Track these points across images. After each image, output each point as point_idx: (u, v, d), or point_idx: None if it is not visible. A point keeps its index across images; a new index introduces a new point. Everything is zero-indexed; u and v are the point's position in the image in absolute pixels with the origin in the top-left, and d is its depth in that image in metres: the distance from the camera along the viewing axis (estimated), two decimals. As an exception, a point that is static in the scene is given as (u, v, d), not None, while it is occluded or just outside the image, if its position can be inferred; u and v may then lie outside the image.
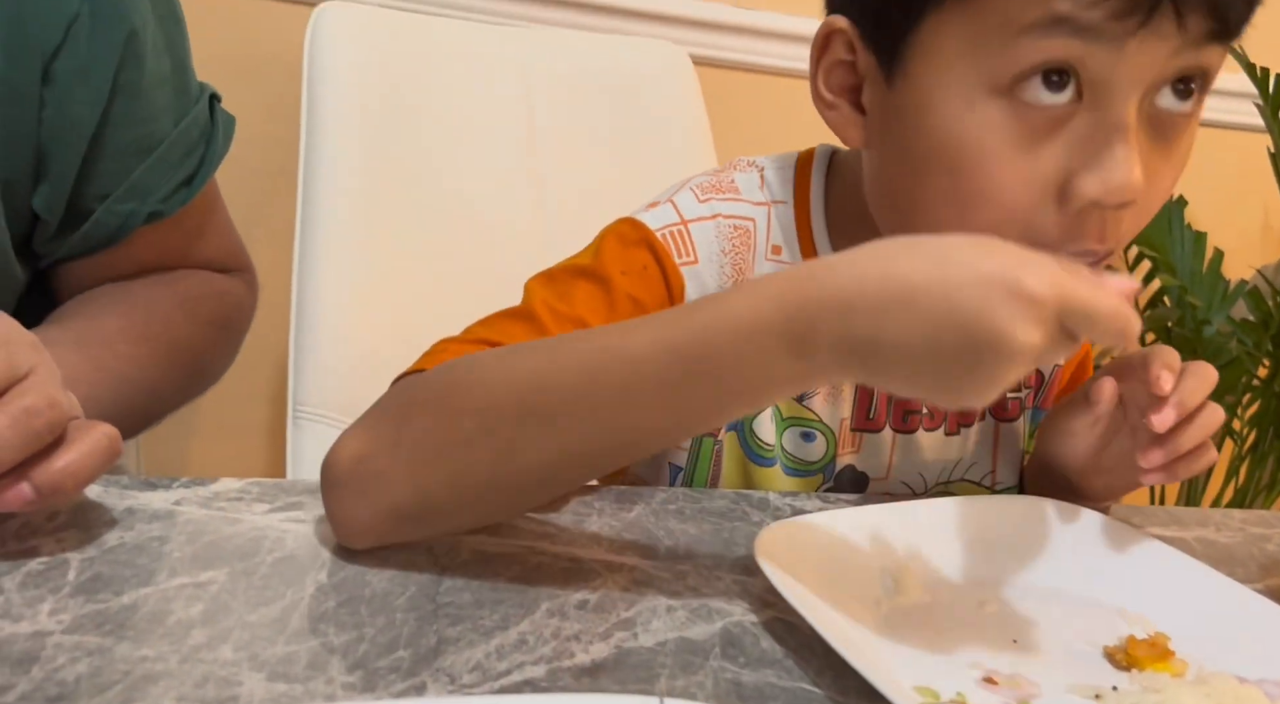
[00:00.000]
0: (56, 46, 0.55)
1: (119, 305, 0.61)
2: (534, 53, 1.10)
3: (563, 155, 1.09)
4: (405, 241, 0.99)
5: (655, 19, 1.28)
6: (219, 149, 0.65)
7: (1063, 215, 0.48)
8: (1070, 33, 0.45)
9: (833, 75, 0.54)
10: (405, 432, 0.45)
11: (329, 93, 0.98)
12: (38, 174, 0.58)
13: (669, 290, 0.56)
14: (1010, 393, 0.66)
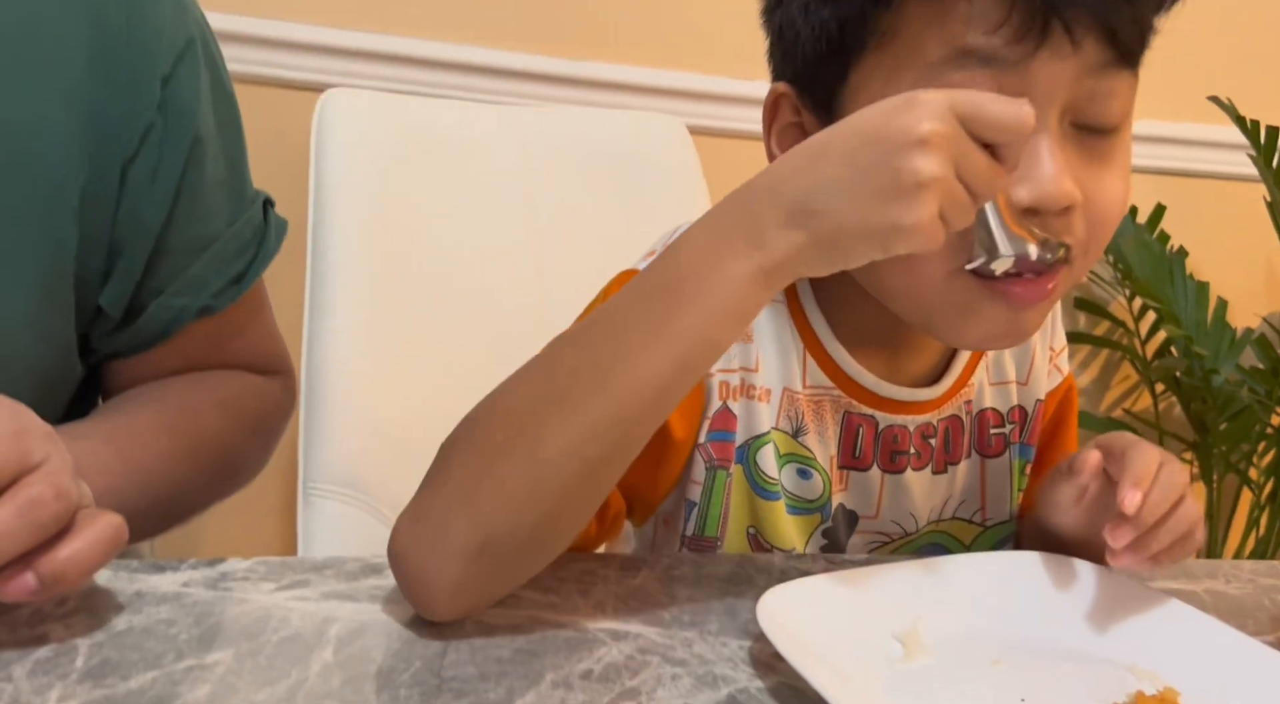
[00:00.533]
0: (133, 153, 0.58)
1: (153, 402, 0.62)
2: (533, 129, 1.13)
3: (565, 228, 1.11)
4: (413, 317, 1.00)
5: (652, 92, 1.31)
6: (270, 250, 0.67)
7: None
8: (978, 63, 0.50)
9: (785, 136, 0.59)
10: (448, 476, 0.48)
11: (336, 174, 1.01)
12: (107, 272, 0.60)
13: None
14: (993, 429, 0.67)
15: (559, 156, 1.12)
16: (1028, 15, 0.49)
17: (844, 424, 0.62)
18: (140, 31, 0.58)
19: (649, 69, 1.32)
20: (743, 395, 0.60)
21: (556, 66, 1.29)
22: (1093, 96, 0.51)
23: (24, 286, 0.56)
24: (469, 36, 1.26)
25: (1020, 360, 0.68)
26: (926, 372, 0.64)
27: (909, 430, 0.63)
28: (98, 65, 0.56)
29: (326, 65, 1.20)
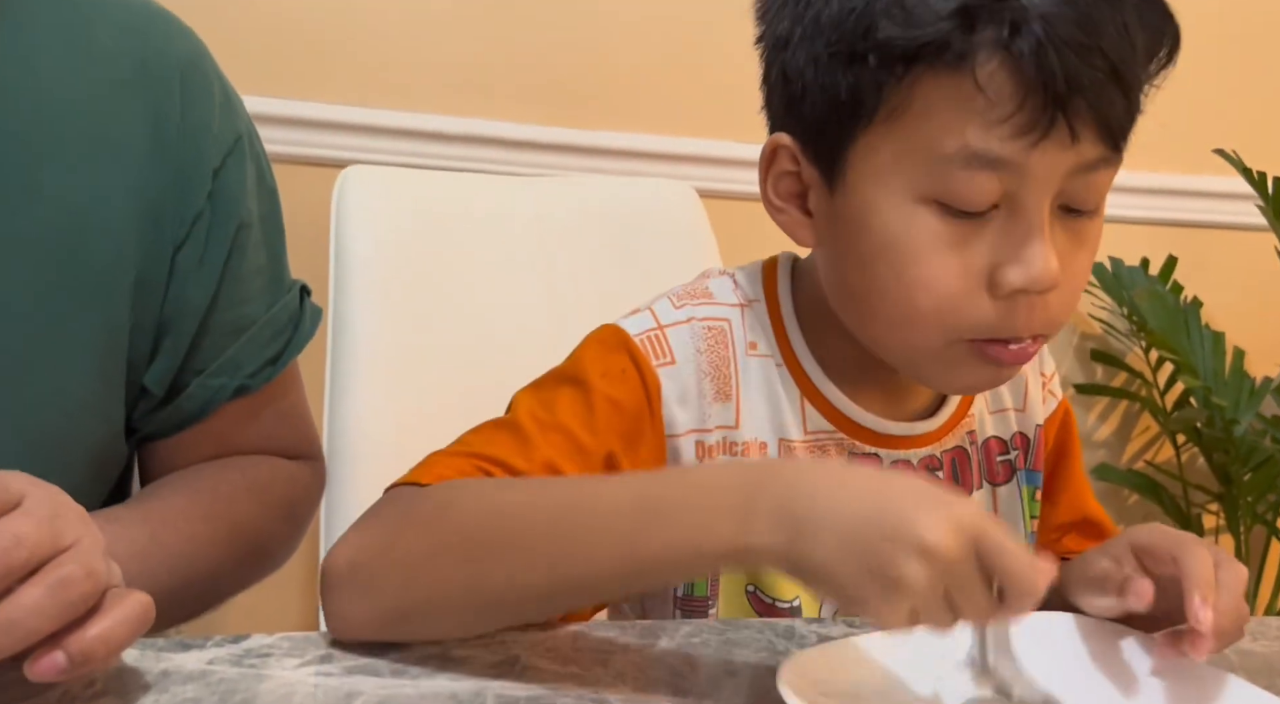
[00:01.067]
0: (183, 239, 0.61)
1: (187, 487, 0.63)
2: (548, 199, 1.15)
3: (583, 294, 1.12)
4: (433, 387, 1.02)
5: (661, 158, 1.34)
6: (305, 334, 0.70)
7: (994, 302, 0.54)
8: (983, 165, 0.52)
9: (780, 184, 0.60)
10: (398, 542, 0.50)
11: (356, 248, 1.03)
12: (153, 352, 0.62)
13: (646, 392, 0.60)
14: (999, 457, 0.68)
15: (574, 225, 1.14)
16: (1036, 109, 0.51)
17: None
18: (194, 128, 0.61)
19: (657, 136, 1.35)
20: (723, 453, 0.61)
21: (568, 136, 1.32)
22: (1083, 183, 0.54)
23: (82, 368, 0.58)
24: (482, 110, 1.29)
25: (1015, 387, 0.69)
26: (924, 405, 0.66)
27: (913, 464, 0.64)
28: (155, 158, 0.60)
29: (345, 142, 1.24)
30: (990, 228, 0.54)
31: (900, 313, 0.55)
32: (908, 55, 0.52)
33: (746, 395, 0.61)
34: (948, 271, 0.54)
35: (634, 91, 1.34)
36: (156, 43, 0.62)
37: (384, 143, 1.25)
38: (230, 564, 0.64)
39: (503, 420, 0.59)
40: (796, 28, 0.56)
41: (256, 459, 0.68)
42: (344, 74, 1.24)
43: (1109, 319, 1.57)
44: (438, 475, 0.54)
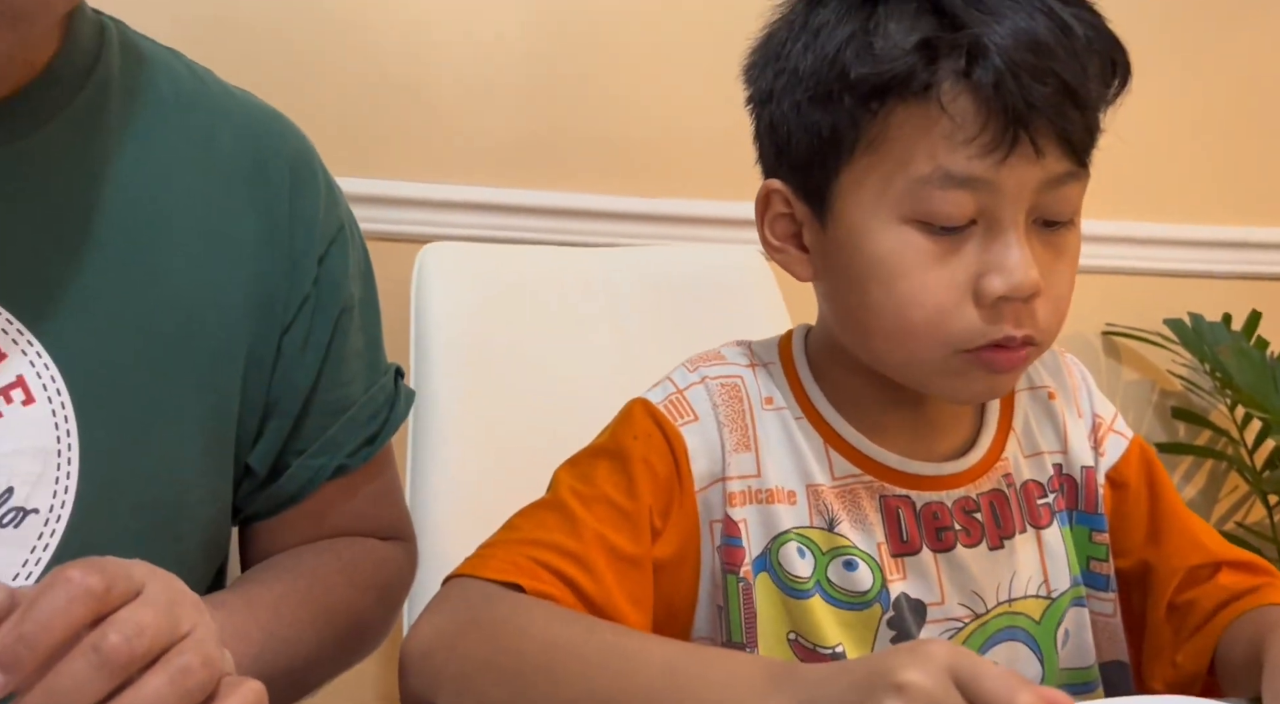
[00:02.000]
0: (289, 323, 0.65)
1: (287, 572, 0.65)
2: (618, 267, 1.17)
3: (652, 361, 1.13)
4: (511, 457, 1.03)
5: (727, 223, 1.36)
6: (399, 415, 0.72)
7: (980, 309, 0.57)
8: (957, 184, 0.56)
9: (776, 225, 0.64)
10: (460, 645, 0.54)
11: (436, 322, 1.06)
12: (258, 433, 0.65)
13: (673, 453, 0.62)
14: (1039, 500, 0.68)
15: (645, 293, 1.16)
16: (999, 128, 0.55)
17: (883, 509, 0.64)
18: (302, 219, 0.65)
19: (722, 202, 1.37)
20: (751, 502, 0.62)
21: (636, 205, 1.35)
22: (1053, 196, 0.57)
23: (195, 448, 0.61)
24: (552, 182, 1.33)
25: (1052, 430, 0.69)
26: (954, 446, 0.66)
27: (947, 506, 0.64)
28: (266, 248, 0.63)
29: (424, 217, 1.29)
30: (971, 242, 0.57)
31: (896, 327, 0.58)
32: (878, 90, 0.56)
33: (767, 446, 0.63)
34: (935, 284, 0.57)
35: (698, 159, 1.36)
36: (269, 142, 0.66)
37: (461, 217, 1.30)
38: (329, 648, 0.65)
39: (547, 501, 0.62)
40: (778, 81, 0.61)
41: (351, 541, 0.70)
42: (421, 152, 1.30)
43: (1190, 376, 1.53)
44: (496, 569, 0.57)
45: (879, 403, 0.64)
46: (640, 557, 0.60)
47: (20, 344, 0.55)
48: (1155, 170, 1.49)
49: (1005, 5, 0.55)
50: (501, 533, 0.61)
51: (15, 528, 0.54)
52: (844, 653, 0.62)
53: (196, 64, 0.67)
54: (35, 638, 0.39)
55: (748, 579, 0.62)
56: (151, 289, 0.59)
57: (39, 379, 0.55)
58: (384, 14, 1.26)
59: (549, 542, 0.58)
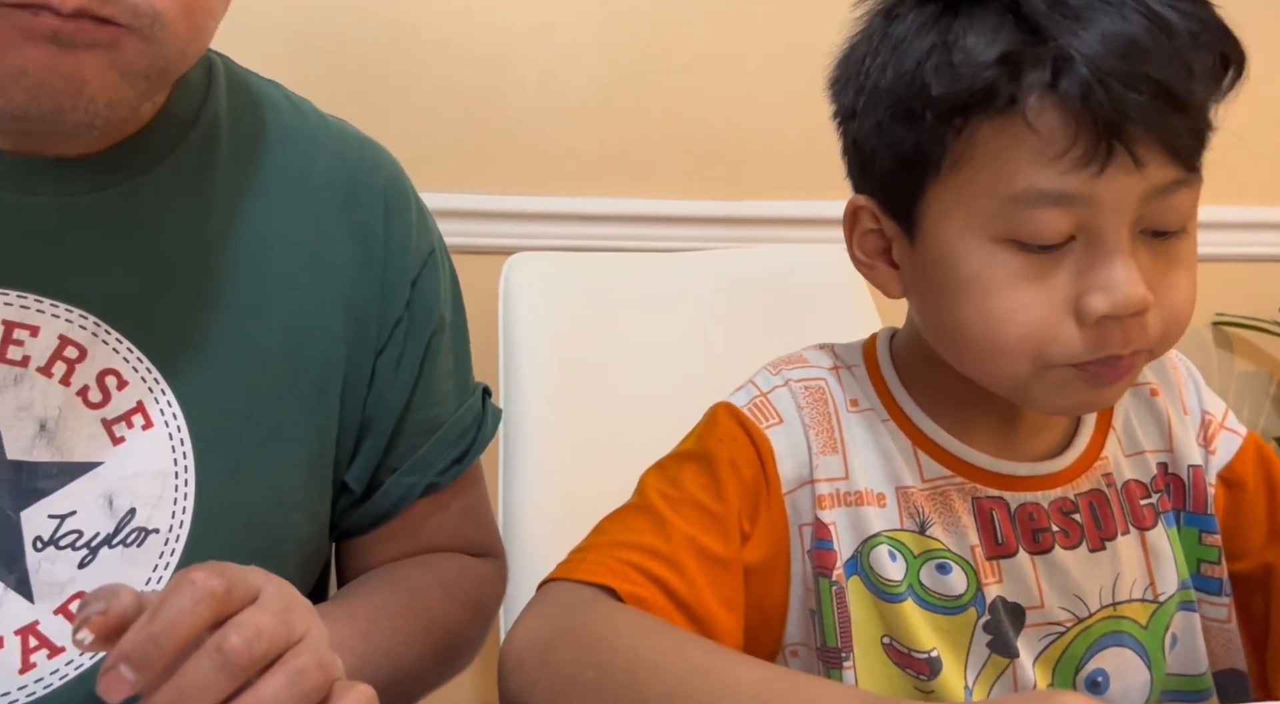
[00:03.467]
0: (383, 345, 0.66)
1: (385, 585, 0.67)
2: (703, 271, 1.17)
3: (738, 364, 1.12)
4: (601, 464, 1.03)
5: (812, 223, 1.34)
6: (487, 434, 0.73)
7: (1082, 329, 0.54)
8: (1049, 202, 0.52)
9: (865, 242, 0.62)
10: (553, 652, 0.54)
11: (522, 327, 1.07)
12: (354, 452, 0.67)
13: (759, 456, 0.61)
14: (1142, 500, 0.64)
15: (732, 295, 1.15)
16: (1091, 141, 0.51)
17: (976, 511, 0.61)
18: (396, 243, 0.67)
19: (805, 201, 1.35)
20: (840, 504, 0.61)
21: (719, 209, 1.34)
22: (1160, 206, 0.53)
23: (299, 469, 0.63)
24: (635, 189, 1.33)
25: (1155, 428, 0.66)
26: (1048, 446, 0.64)
27: (1043, 507, 0.62)
28: (362, 272, 0.65)
29: (508, 230, 1.30)
30: (1069, 258, 0.54)
31: (990, 346, 0.56)
32: (960, 107, 0.53)
33: (853, 448, 0.62)
34: (1033, 304, 0.54)
35: (779, 159, 1.35)
36: (364, 169, 0.68)
37: (544, 228, 1.31)
38: (427, 661, 0.66)
39: (635, 504, 0.61)
40: (859, 99, 0.58)
41: (446, 556, 0.71)
42: (503, 165, 1.31)
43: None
44: (588, 572, 0.57)
45: (971, 401, 0.62)
46: (730, 559, 0.59)
47: (140, 371, 0.58)
48: (1265, 152, 1.42)
49: (1094, 8, 0.51)
50: (591, 537, 0.61)
51: (139, 547, 0.57)
52: (939, 657, 0.60)
53: (295, 94, 0.70)
54: (163, 637, 0.41)
55: (840, 582, 0.61)
56: (259, 317, 0.61)
57: (156, 404, 0.58)
58: (463, 30, 1.28)
59: (639, 543, 0.58)
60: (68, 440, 0.56)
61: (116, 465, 0.56)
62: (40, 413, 0.55)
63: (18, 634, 0.54)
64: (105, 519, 0.56)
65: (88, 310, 0.57)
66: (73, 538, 0.55)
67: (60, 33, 0.48)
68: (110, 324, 0.57)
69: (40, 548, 0.55)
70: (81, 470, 0.56)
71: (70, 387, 0.56)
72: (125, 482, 0.56)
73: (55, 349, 0.56)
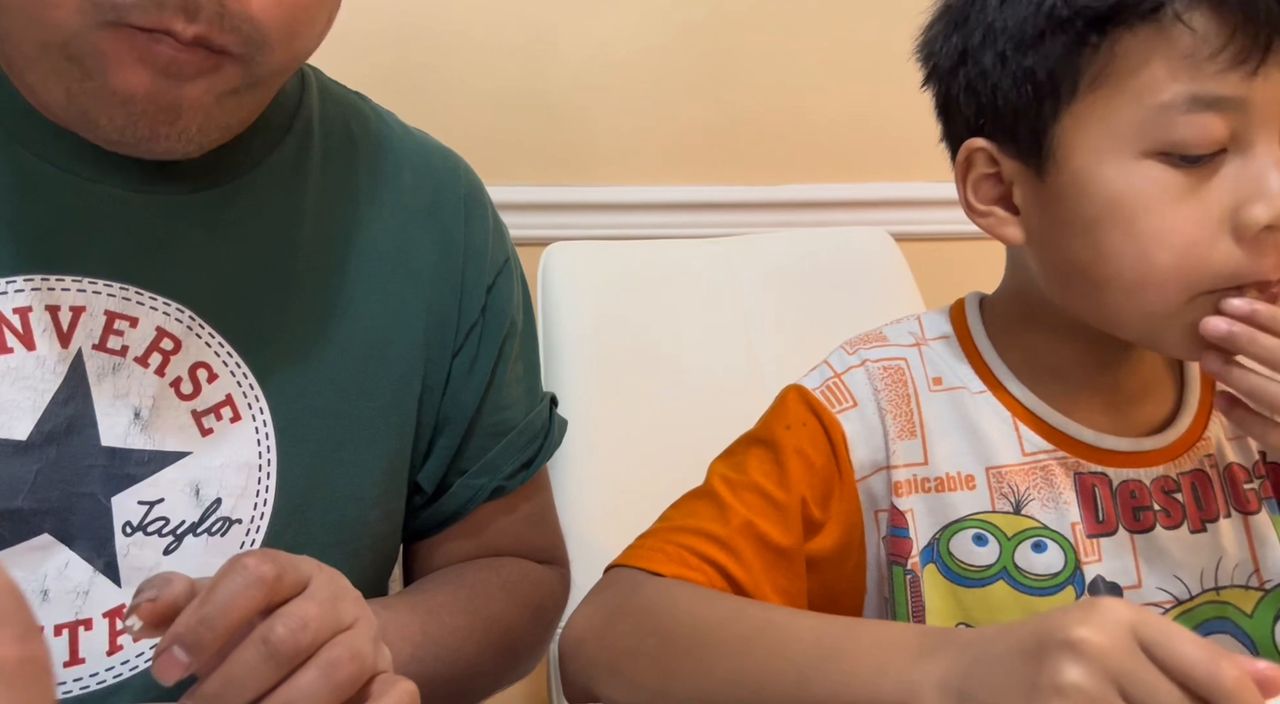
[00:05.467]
0: (459, 347, 0.68)
1: (450, 583, 0.68)
2: (743, 257, 1.17)
3: (780, 347, 1.12)
4: (643, 449, 1.04)
5: (852, 206, 1.34)
6: (554, 441, 0.75)
7: (1239, 246, 0.52)
8: (1204, 106, 0.51)
9: (980, 188, 0.60)
10: (611, 630, 0.55)
11: (562, 317, 1.08)
12: (428, 452, 0.68)
13: (830, 441, 0.61)
14: (1245, 485, 0.63)
15: (773, 280, 1.15)
16: (1249, 37, 0.50)
17: (1078, 487, 0.60)
18: (474, 250, 0.69)
19: (845, 185, 1.35)
20: (918, 490, 0.60)
21: (757, 194, 1.34)
22: None
23: (378, 466, 0.64)
24: (672, 177, 1.33)
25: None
26: (1154, 420, 0.63)
27: (1145, 485, 0.61)
28: (442, 277, 0.67)
29: (545, 220, 1.30)
30: (1222, 171, 0.52)
31: (1137, 273, 0.53)
32: (1099, 20, 0.52)
33: (936, 431, 0.61)
34: (1185, 221, 0.52)
35: (817, 142, 1.35)
36: (446, 178, 0.70)
37: (582, 218, 1.31)
38: (487, 662, 0.67)
39: (699, 490, 0.62)
40: (972, 39, 0.57)
41: (511, 561, 0.72)
42: (540, 156, 1.31)
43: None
44: (646, 558, 0.57)
45: (1073, 371, 0.61)
46: (790, 548, 0.59)
47: (229, 365, 0.59)
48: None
49: None
50: (657, 523, 0.61)
51: (221, 536, 0.58)
52: None
53: (380, 106, 0.72)
54: (215, 621, 0.42)
55: (915, 571, 0.60)
56: (345, 318, 0.63)
57: (244, 398, 0.59)
58: (497, 23, 1.28)
59: (698, 528, 0.58)
60: (159, 429, 0.57)
61: (204, 456, 0.58)
62: (135, 402, 0.57)
63: (105, 616, 0.55)
64: (191, 508, 0.57)
65: (184, 304, 0.58)
66: (160, 524, 0.57)
67: (174, 65, 0.50)
68: (205, 319, 0.59)
69: (129, 533, 0.56)
70: (171, 459, 0.57)
71: (164, 377, 0.57)
72: (212, 472, 0.58)
73: (152, 341, 0.57)
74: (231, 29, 0.50)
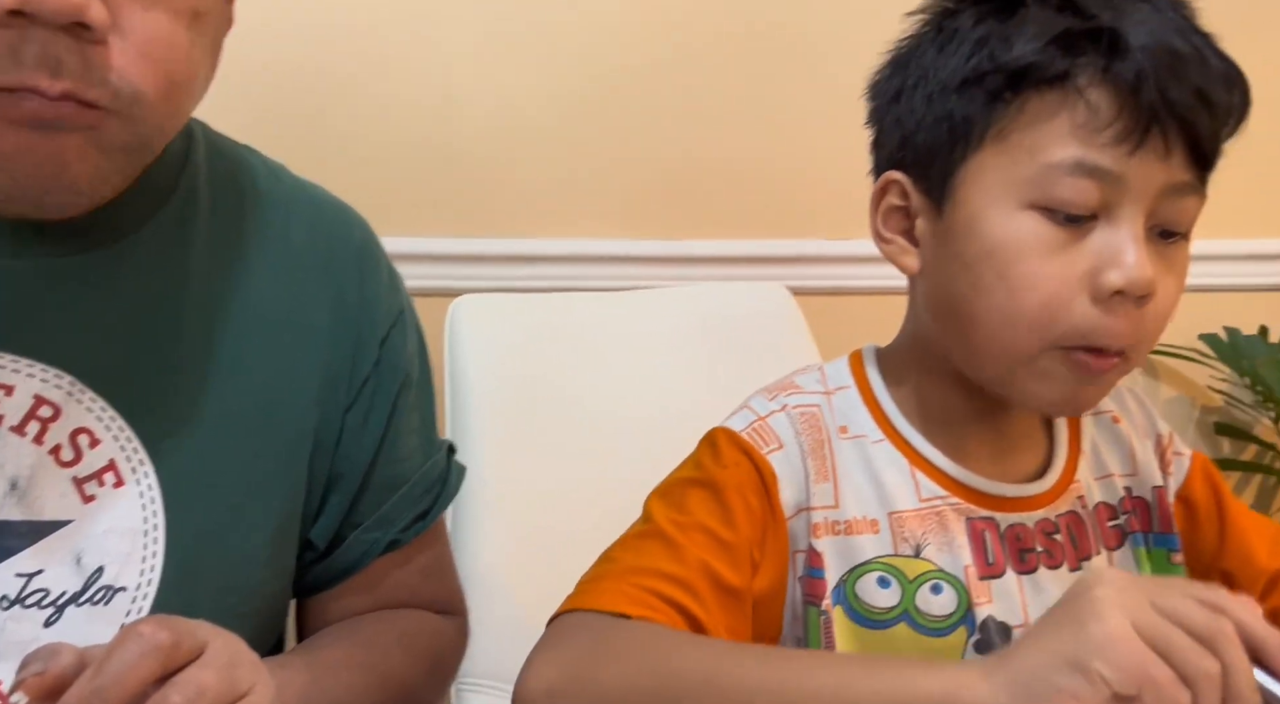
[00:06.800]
0: (351, 402, 0.67)
1: (344, 638, 0.67)
2: (647, 310, 1.18)
3: (685, 398, 1.14)
4: (550, 501, 1.03)
5: (753, 261, 1.37)
6: (451, 490, 0.74)
7: (1093, 306, 0.57)
8: (1085, 173, 0.56)
9: (889, 218, 0.65)
10: (598, 675, 0.52)
11: (470, 369, 1.07)
12: (320, 508, 0.67)
13: (763, 481, 0.62)
14: (1110, 523, 0.67)
15: (676, 333, 1.17)
16: (1133, 120, 0.56)
17: (969, 532, 0.63)
18: (367, 304, 0.68)
19: (746, 240, 1.38)
20: (829, 533, 0.62)
21: (662, 248, 1.36)
22: (1174, 204, 0.58)
23: (268, 525, 0.63)
24: (579, 230, 1.35)
25: (1119, 454, 0.70)
26: (1032, 467, 0.67)
27: (1030, 528, 0.64)
28: (335, 333, 0.66)
29: (453, 272, 1.31)
30: (1091, 236, 0.57)
31: (1004, 313, 0.58)
32: (1015, 78, 0.58)
33: (844, 476, 0.63)
34: (1052, 273, 0.57)
35: (720, 198, 1.38)
36: (338, 232, 0.69)
37: (490, 270, 1.32)
38: None
39: (644, 531, 0.61)
40: (909, 79, 0.63)
41: (405, 612, 0.71)
42: (448, 208, 1.32)
43: (1230, 391, 1.52)
44: (607, 602, 0.56)
45: (962, 419, 0.64)
46: (741, 589, 0.59)
47: (113, 430, 0.58)
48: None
49: (1142, 14, 0.57)
50: (601, 566, 0.60)
51: (105, 605, 0.56)
52: None
53: (270, 159, 0.71)
54: (109, 692, 0.41)
55: (828, 612, 0.62)
56: (234, 379, 0.62)
57: (128, 463, 0.58)
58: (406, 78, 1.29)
59: (655, 569, 0.57)
60: (38, 499, 0.55)
61: (86, 523, 0.56)
62: (12, 472, 0.55)
63: None
64: (73, 577, 0.56)
65: (64, 370, 0.57)
66: (39, 596, 0.55)
67: (42, 117, 0.49)
68: (86, 383, 0.57)
69: (7, 607, 0.54)
70: (51, 529, 0.56)
71: (43, 445, 0.56)
72: (94, 539, 0.56)
73: (29, 409, 0.56)
74: (99, 83, 0.49)
